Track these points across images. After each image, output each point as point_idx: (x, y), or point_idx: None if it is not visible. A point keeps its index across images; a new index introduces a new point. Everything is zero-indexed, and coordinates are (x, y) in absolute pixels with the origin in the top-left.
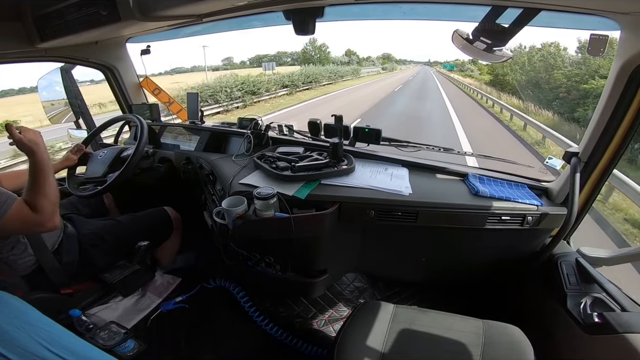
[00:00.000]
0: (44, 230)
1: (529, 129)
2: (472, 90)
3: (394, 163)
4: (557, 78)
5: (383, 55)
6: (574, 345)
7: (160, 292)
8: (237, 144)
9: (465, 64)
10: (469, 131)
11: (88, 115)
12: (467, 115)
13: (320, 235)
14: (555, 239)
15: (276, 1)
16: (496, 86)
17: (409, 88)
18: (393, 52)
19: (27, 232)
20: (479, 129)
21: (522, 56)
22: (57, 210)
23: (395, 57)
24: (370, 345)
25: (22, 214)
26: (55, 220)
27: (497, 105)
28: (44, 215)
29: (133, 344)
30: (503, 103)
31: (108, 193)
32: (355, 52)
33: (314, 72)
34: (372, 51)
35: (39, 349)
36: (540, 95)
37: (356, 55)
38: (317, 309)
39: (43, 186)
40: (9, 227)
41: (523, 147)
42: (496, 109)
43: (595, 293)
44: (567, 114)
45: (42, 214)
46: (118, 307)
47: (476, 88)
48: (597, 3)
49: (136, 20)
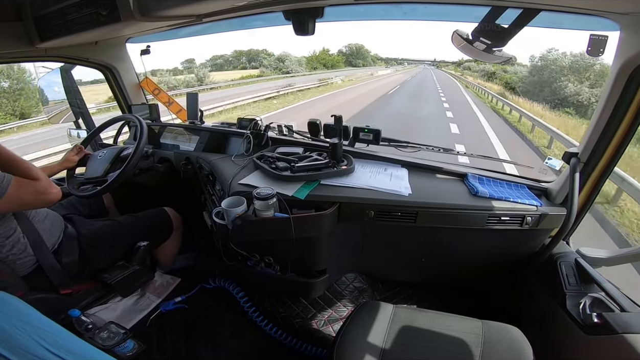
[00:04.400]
0: (50, 198)
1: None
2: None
3: (394, 163)
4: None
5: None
6: (573, 346)
7: (159, 293)
8: (237, 144)
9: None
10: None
11: (88, 115)
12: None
13: (320, 235)
14: (554, 239)
15: (276, 1)
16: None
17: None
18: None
19: (36, 202)
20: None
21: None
22: (52, 182)
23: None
24: (369, 346)
25: (24, 183)
26: (56, 187)
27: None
28: (43, 181)
29: (132, 344)
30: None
31: (108, 193)
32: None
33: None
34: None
35: (38, 349)
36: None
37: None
38: (316, 309)
39: (23, 163)
40: (21, 195)
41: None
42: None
43: (595, 293)
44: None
45: (41, 179)
46: (117, 307)
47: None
48: (596, 3)
49: (136, 21)
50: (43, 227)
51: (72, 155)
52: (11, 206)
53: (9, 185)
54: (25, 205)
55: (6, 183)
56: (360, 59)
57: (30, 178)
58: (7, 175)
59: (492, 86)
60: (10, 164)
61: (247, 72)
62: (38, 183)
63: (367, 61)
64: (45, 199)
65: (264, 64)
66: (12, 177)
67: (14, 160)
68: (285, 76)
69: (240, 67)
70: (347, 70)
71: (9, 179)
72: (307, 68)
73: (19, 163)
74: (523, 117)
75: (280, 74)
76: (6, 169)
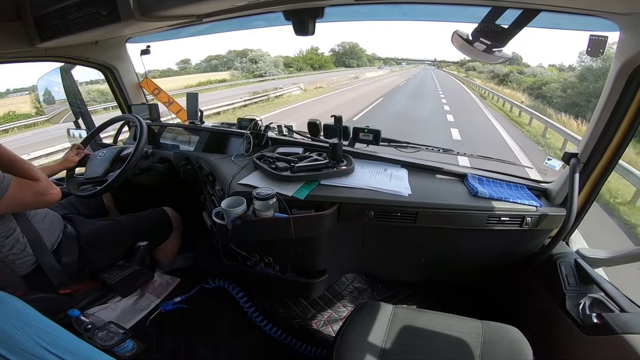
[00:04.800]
0: (50, 199)
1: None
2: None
3: (393, 164)
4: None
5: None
6: (573, 346)
7: (159, 293)
8: (237, 144)
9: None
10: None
11: (87, 115)
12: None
13: (320, 235)
14: (554, 239)
15: (276, 2)
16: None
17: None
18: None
19: (36, 202)
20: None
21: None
22: (52, 182)
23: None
24: (369, 346)
25: (24, 183)
26: (56, 188)
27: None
28: (43, 182)
29: (132, 344)
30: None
31: (107, 193)
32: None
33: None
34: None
35: (38, 349)
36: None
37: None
38: (316, 309)
39: (23, 164)
40: (21, 196)
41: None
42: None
43: (594, 294)
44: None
45: (41, 180)
46: (117, 307)
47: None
48: (596, 4)
49: (136, 21)
50: (42, 227)
51: (72, 156)
52: (11, 207)
53: (9, 185)
54: (25, 206)
55: (6, 184)
56: (355, 59)
57: (30, 179)
58: (8, 175)
59: (514, 94)
60: (11, 164)
61: (209, 76)
62: (38, 184)
63: (362, 61)
64: (45, 200)
65: (235, 66)
66: (12, 178)
67: (14, 160)
68: (251, 82)
69: (208, 70)
70: (319, 75)
71: (9, 180)
72: (294, 69)
73: (19, 163)
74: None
75: (252, 78)
76: (7, 169)
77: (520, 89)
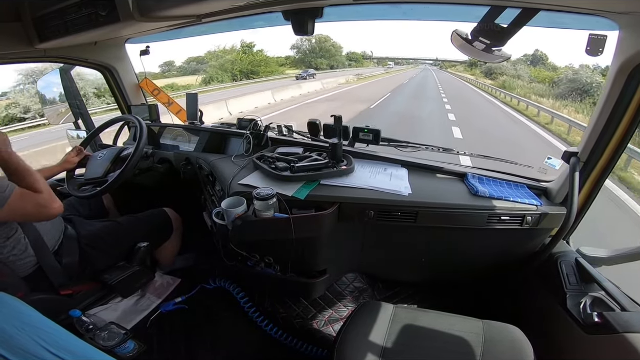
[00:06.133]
0: (52, 212)
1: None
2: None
3: (393, 163)
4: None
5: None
6: (574, 345)
7: (160, 293)
8: (237, 144)
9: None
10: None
11: (87, 116)
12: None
13: (320, 235)
14: (554, 238)
15: (275, 2)
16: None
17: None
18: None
19: (37, 214)
20: None
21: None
22: (54, 195)
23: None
24: (370, 346)
25: (26, 194)
26: (58, 202)
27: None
28: (45, 194)
29: (133, 345)
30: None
31: (107, 194)
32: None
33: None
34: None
35: (39, 350)
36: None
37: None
38: (316, 309)
39: (30, 175)
40: (23, 206)
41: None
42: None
43: (595, 292)
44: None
45: (44, 193)
46: (118, 308)
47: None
48: (596, 3)
49: (135, 21)
50: (43, 228)
51: (72, 156)
52: (12, 216)
53: (11, 194)
54: (26, 217)
55: (8, 192)
56: (325, 59)
57: (34, 190)
58: (11, 184)
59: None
60: (18, 172)
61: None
62: (40, 196)
63: (335, 60)
64: (47, 213)
65: (206, 70)
66: (15, 187)
67: (23, 169)
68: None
69: (188, 73)
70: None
71: (12, 189)
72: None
73: (27, 173)
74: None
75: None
76: (13, 177)
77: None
